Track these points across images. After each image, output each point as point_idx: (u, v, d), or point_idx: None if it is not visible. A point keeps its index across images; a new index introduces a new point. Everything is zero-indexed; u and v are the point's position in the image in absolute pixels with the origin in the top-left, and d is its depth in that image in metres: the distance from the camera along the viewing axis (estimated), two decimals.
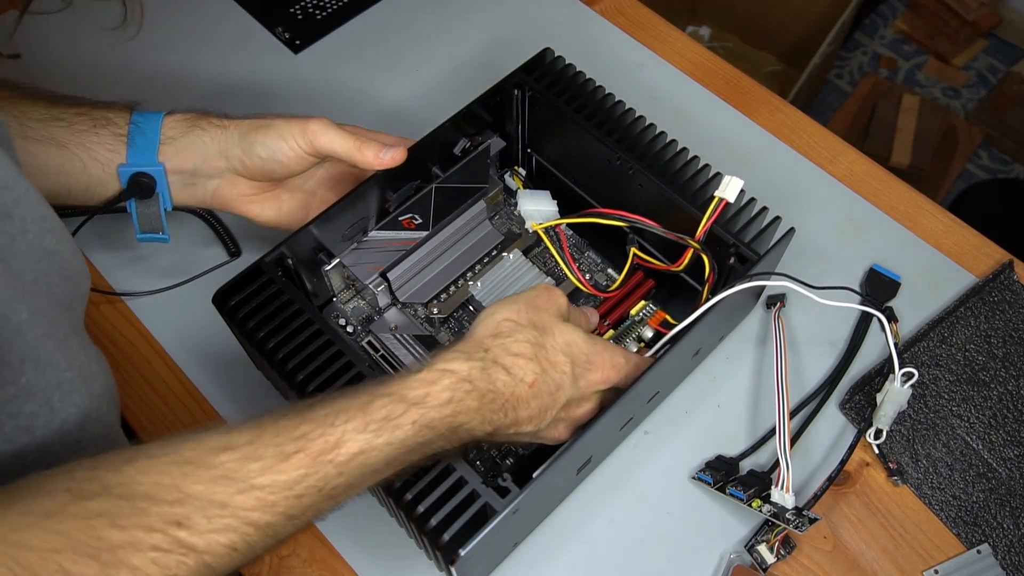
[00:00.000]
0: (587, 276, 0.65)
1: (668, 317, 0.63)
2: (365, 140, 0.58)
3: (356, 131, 0.59)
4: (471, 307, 0.64)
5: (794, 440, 0.61)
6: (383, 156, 0.57)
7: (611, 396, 0.52)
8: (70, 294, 0.44)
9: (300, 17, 0.84)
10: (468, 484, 0.47)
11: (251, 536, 0.38)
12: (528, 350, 0.47)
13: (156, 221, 0.60)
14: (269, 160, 0.58)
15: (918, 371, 0.59)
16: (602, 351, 0.50)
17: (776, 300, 0.65)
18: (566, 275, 0.62)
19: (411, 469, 0.45)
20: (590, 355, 0.50)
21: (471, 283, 0.64)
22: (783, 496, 0.54)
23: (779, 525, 0.54)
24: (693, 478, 0.59)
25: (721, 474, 0.58)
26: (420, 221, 0.62)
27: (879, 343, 0.65)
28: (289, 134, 0.57)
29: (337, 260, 0.60)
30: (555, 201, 0.64)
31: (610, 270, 0.66)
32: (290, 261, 0.56)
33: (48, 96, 0.58)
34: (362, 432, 0.41)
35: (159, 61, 0.80)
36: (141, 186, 0.58)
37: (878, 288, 0.68)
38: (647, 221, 0.59)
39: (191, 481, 0.37)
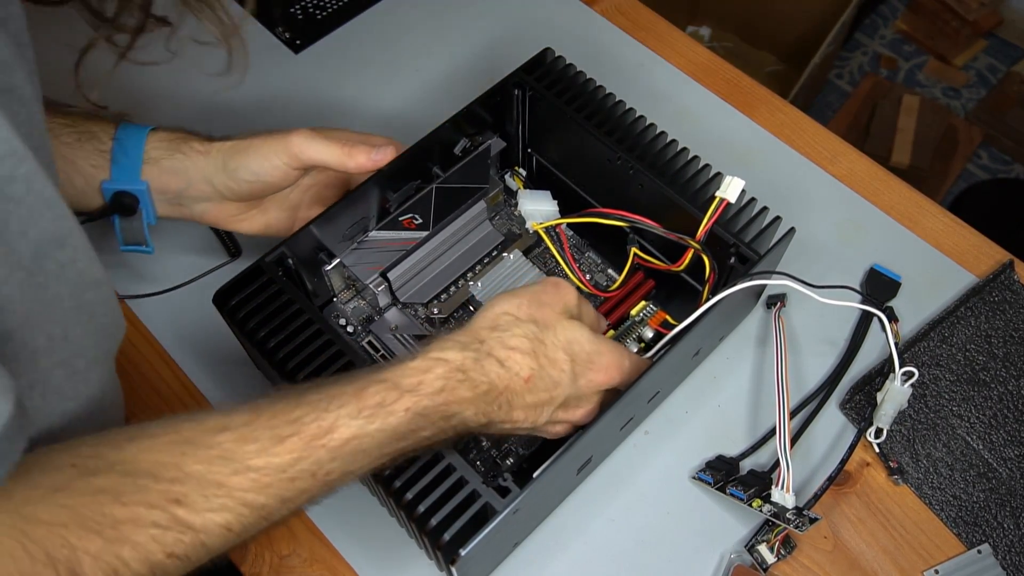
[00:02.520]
0: (587, 276, 0.65)
1: (668, 317, 0.63)
2: (352, 145, 0.57)
3: (340, 136, 0.59)
4: (471, 307, 0.64)
5: (794, 440, 0.61)
6: (375, 157, 0.57)
7: (611, 396, 0.52)
8: (105, 326, 0.44)
9: (300, 17, 0.84)
10: (468, 484, 0.47)
11: (245, 516, 0.38)
12: (525, 344, 0.47)
13: (139, 235, 0.60)
14: (255, 183, 0.58)
15: (918, 371, 0.59)
16: (606, 351, 0.50)
17: (776, 300, 0.65)
18: (567, 275, 0.62)
19: (404, 456, 0.45)
20: (592, 354, 0.49)
21: (471, 283, 0.64)
22: (783, 496, 0.54)
23: (779, 525, 0.54)
24: (693, 478, 0.59)
25: (721, 474, 0.58)
26: (420, 221, 0.62)
27: (879, 343, 0.65)
28: (272, 153, 0.57)
29: (337, 260, 0.60)
30: (555, 201, 0.64)
31: (610, 270, 0.66)
32: (290, 261, 0.56)
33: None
34: (355, 418, 0.41)
35: (158, 63, 0.80)
36: (123, 205, 0.58)
37: (878, 288, 0.68)
38: (647, 221, 0.59)
39: (190, 460, 0.38)
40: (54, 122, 0.57)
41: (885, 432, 0.60)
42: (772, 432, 0.61)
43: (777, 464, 0.56)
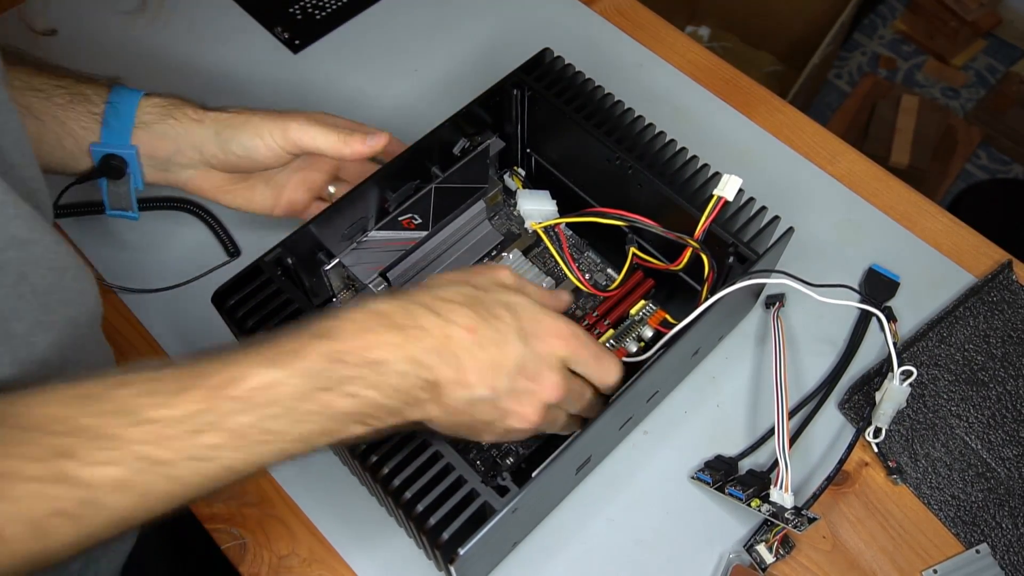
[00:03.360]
0: (587, 275, 0.65)
1: (668, 316, 0.63)
2: (348, 132, 0.57)
3: (336, 123, 0.59)
4: None
5: (793, 440, 0.61)
6: (369, 142, 0.57)
7: (579, 382, 0.48)
8: (48, 289, 0.42)
9: (300, 17, 0.84)
10: (467, 483, 0.47)
11: (144, 472, 0.35)
12: (461, 298, 0.44)
13: (126, 200, 0.60)
14: (245, 158, 0.58)
15: (917, 371, 0.59)
16: (552, 317, 0.46)
17: (775, 299, 0.65)
18: (566, 275, 0.62)
19: (358, 435, 0.41)
20: (537, 315, 0.46)
21: None
22: (782, 496, 0.54)
23: (778, 524, 0.54)
24: (692, 478, 0.59)
25: (720, 474, 0.58)
26: (420, 221, 0.62)
27: (878, 343, 0.65)
28: (267, 132, 0.57)
29: (337, 260, 0.60)
30: (555, 200, 0.64)
31: (609, 269, 0.66)
32: (289, 261, 0.56)
33: (33, 63, 0.57)
34: (264, 366, 0.38)
35: (158, 61, 0.80)
36: (111, 167, 0.58)
37: (877, 288, 0.68)
38: (646, 220, 0.59)
39: (85, 413, 0.35)
40: (47, 83, 0.57)
41: (884, 431, 0.60)
42: (771, 432, 0.61)
43: (776, 464, 0.56)
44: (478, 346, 0.43)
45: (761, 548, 0.57)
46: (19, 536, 0.34)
